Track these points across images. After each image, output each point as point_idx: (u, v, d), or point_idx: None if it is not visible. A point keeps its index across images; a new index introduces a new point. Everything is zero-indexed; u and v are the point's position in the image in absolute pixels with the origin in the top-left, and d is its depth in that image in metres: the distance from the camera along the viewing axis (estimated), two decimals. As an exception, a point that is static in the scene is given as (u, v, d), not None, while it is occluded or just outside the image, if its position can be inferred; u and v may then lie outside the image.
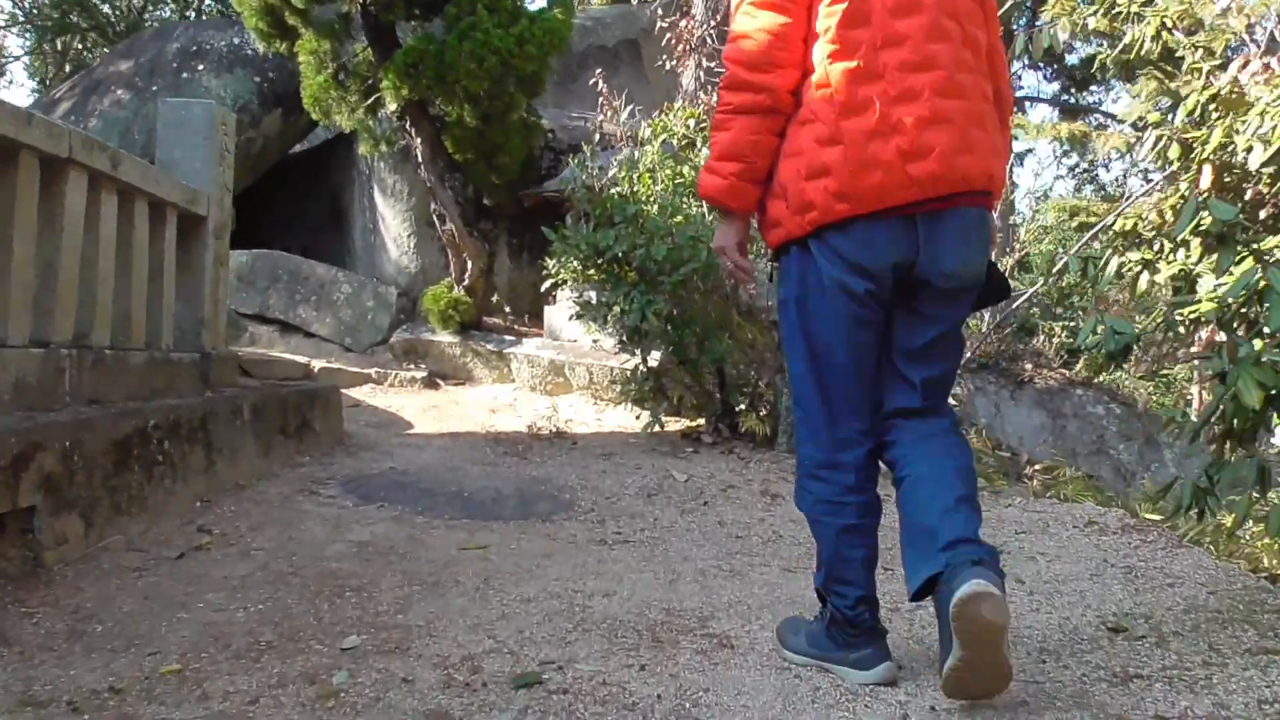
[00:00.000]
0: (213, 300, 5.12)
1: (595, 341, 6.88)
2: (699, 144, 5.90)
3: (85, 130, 10.23)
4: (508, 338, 8.19)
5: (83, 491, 3.11)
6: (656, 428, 5.71)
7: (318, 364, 8.12)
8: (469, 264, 8.00)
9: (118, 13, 20.05)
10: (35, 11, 20.66)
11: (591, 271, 5.88)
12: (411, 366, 8.40)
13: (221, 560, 3.20)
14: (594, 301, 5.93)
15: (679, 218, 5.33)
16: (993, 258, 2.21)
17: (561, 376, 7.57)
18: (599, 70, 9.21)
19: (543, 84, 7.49)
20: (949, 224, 2.02)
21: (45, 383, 3.50)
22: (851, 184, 1.97)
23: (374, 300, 9.28)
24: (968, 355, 9.42)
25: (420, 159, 7.71)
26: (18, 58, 24.04)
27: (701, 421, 6.22)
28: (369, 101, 7.79)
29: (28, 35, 21.23)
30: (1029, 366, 9.01)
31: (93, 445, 3.20)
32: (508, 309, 9.20)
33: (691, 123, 6.07)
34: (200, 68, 10.14)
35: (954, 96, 1.99)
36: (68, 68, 19.14)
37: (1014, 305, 9.38)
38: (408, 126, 7.66)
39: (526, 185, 8.74)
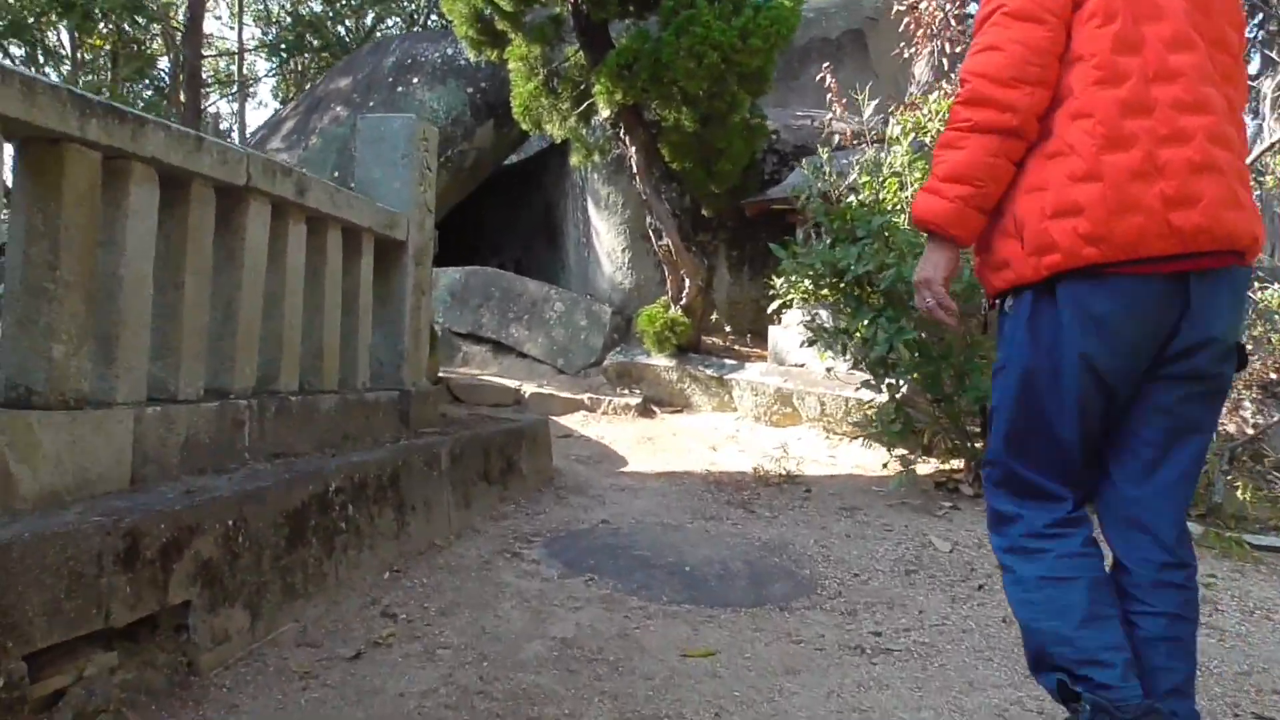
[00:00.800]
0: (413, 332, 4.75)
1: (829, 370, 6.13)
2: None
3: (306, 147, 10.50)
4: (728, 361, 7.55)
5: (248, 577, 2.69)
6: (903, 472, 4.90)
7: (528, 388, 7.77)
8: (686, 282, 7.42)
9: (350, 32, 20.96)
10: (278, 35, 21.94)
11: (825, 292, 5.15)
12: (625, 391, 7.92)
13: (402, 663, 2.69)
14: (828, 325, 5.19)
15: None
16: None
17: (789, 406, 6.86)
18: (825, 65, 8.44)
19: (768, 81, 6.83)
20: (1226, 284, 1.79)
21: (220, 439, 3.13)
22: (1106, 226, 1.72)
23: (587, 319, 8.88)
24: (1272, 377, 8.04)
25: (634, 168, 7.20)
26: (259, 79, 25.80)
27: (958, 464, 5.36)
28: (581, 108, 7.36)
29: (274, 59, 22.54)
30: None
31: (261, 520, 2.77)
32: (728, 328, 8.58)
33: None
34: (414, 81, 10.10)
35: (1224, 147, 1.76)
36: (308, 87, 20.23)
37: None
38: (621, 134, 7.17)
39: (748, 193, 8.08)
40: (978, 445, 5.00)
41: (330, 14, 20.39)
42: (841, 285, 4.87)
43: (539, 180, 11.06)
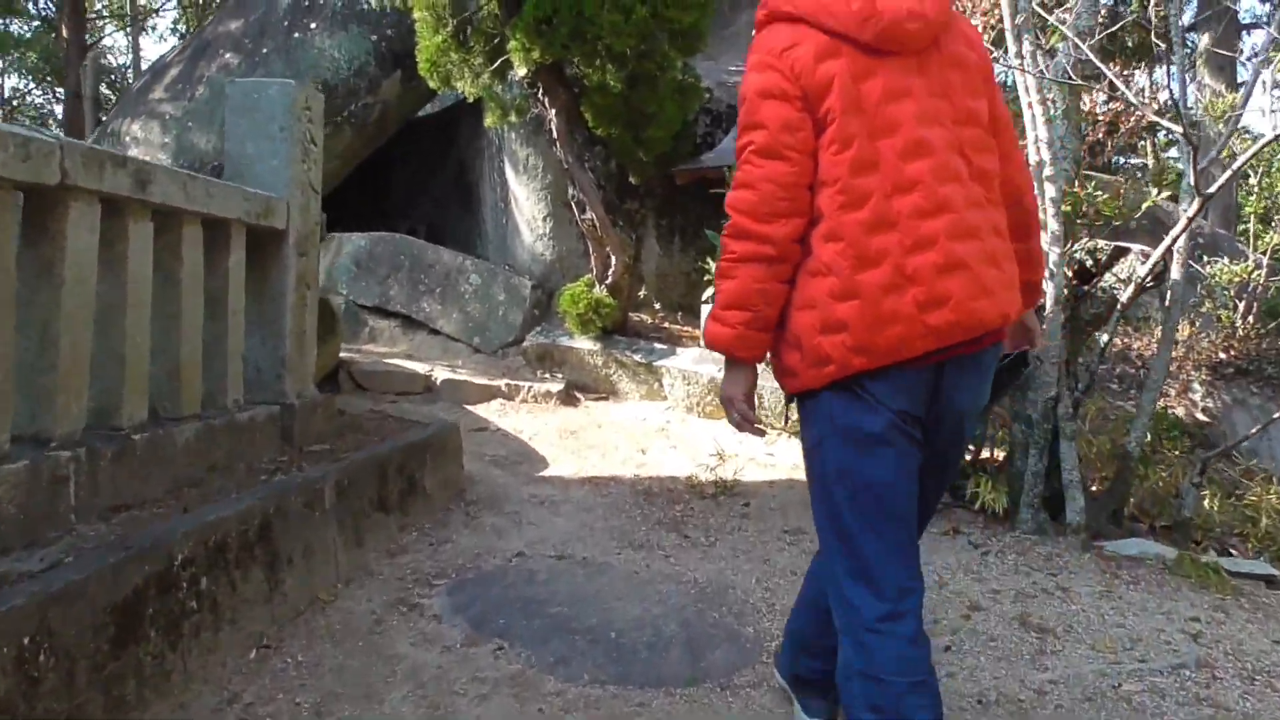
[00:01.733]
0: (296, 333, 4.15)
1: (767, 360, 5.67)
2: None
3: (192, 98, 9.62)
4: (658, 345, 7.05)
5: (54, 704, 2.12)
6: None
7: (440, 373, 7.18)
8: (612, 259, 6.87)
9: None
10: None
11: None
12: (547, 376, 7.38)
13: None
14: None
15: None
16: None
17: (723, 396, 6.39)
18: (749, 14, 7.86)
19: (703, 38, 6.27)
20: (971, 366, 2.02)
21: (34, 505, 2.55)
22: (869, 338, 1.91)
23: (505, 293, 8.29)
24: (1221, 358, 7.84)
25: (554, 133, 6.60)
26: (156, 10, 24.15)
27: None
28: (495, 65, 6.70)
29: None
30: (1307, 372, 7.34)
31: (76, 624, 2.21)
32: (657, 304, 8.08)
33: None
34: (313, 26, 9.27)
35: (967, 238, 1.93)
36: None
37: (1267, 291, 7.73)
38: (540, 95, 6.55)
39: (680, 158, 7.53)
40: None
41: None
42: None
43: (452, 136, 10.34)
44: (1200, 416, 7.39)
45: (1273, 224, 8.95)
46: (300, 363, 4.19)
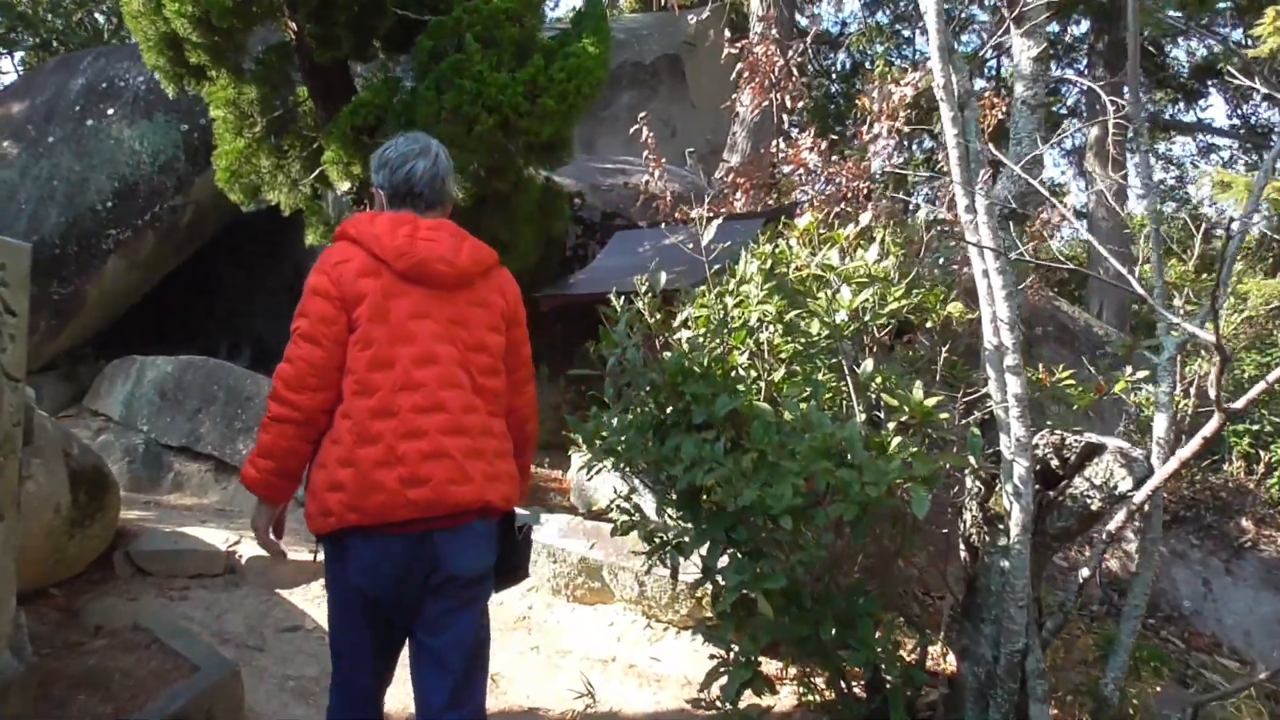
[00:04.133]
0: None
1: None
2: (833, 273, 3.52)
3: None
4: (517, 510, 5.92)
5: None
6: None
7: (248, 546, 5.89)
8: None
9: (76, 31, 17.85)
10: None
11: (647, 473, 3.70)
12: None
13: None
14: (655, 526, 3.69)
15: (816, 433, 3.03)
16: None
17: (598, 581, 5.34)
18: (641, 116, 7.04)
19: (567, 148, 5.32)
20: (464, 536, 2.50)
21: None
22: (360, 500, 2.39)
23: (336, 433, 7.08)
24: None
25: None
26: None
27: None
28: (316, 172, 5.62)
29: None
30: (1247, 524, 6.69)
31: None
32: (519, 447, 7.02)
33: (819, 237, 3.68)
34: (110, 112, 8.02)
35: (456, 435, 2.47)
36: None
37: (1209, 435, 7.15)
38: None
39: (545, 277, 6.53)
40: (864, 705, 3.61)
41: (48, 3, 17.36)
42: (672, 496, 3.40)
43: (286, 237, 9.11)
44: (1133, 569, 6.67)
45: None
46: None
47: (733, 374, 3.53)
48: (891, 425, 3.30)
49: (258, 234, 9.47)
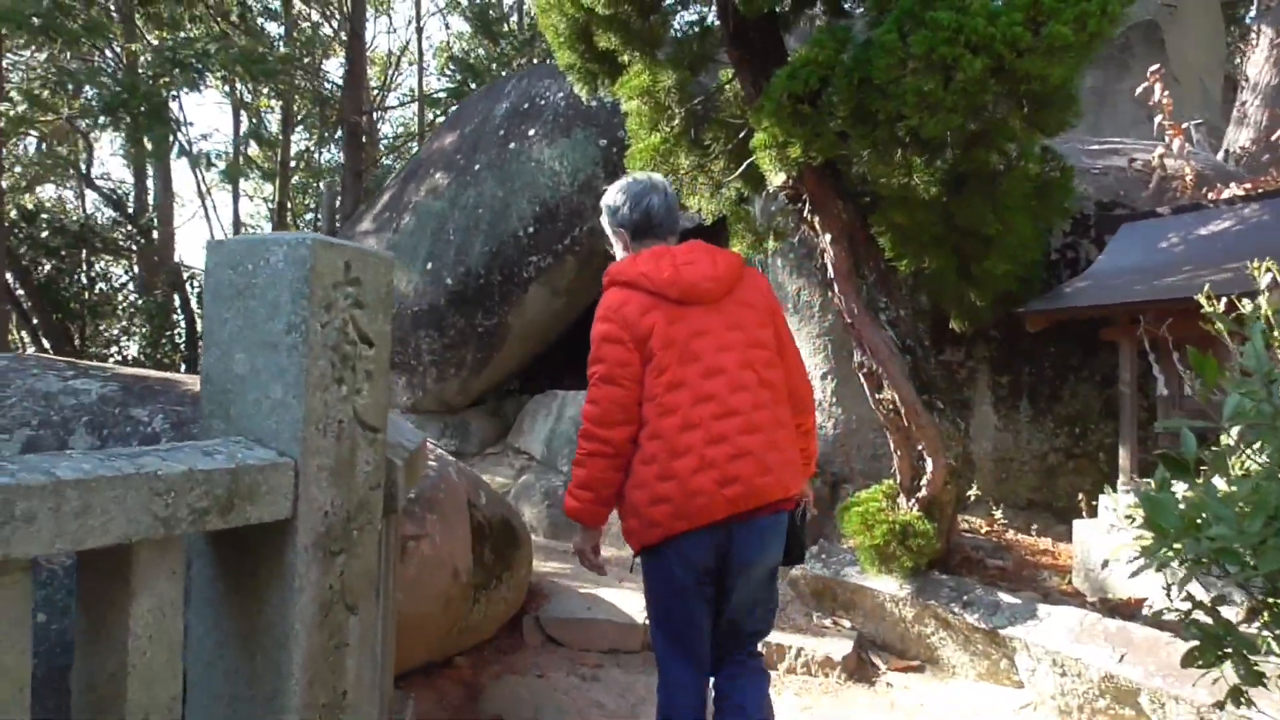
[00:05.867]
0: (311, 706, 2.10)
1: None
2: None
3: (397, 229, 8.20)
4: (1004, 598, 4.47)
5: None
6: None
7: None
8: (927, 461, 4.45)
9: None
10: (446, 85, 20.32)
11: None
12: (826, 624, 5.04)
13: None
14: (1214, 625, 2.15)
15: None
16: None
17: (1131, 708, 3.80)
18: (1151, 70, 5.37)
19: (1075, 104, 3.86)
20: (750, 530, 2.73)
21: None
22: (684, 506, 2.65)
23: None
24: None
25: (830, 269, 4.36)
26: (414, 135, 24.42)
27: None
28: (742, 169, 4.63)
29: (435, 111, 21.02)
30: None
31: None
32: (995, 506, 5.56)
33: None
34: (530, 132, 7.67)
35: (752, 432, 2.70)
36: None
37: None
38: (806, 212, 4.37)
39: (1030, 289, 5.06)
40: None
41: (496, 53, 18.41)
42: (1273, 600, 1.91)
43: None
44: None
45: None
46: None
47: None
48: None
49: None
